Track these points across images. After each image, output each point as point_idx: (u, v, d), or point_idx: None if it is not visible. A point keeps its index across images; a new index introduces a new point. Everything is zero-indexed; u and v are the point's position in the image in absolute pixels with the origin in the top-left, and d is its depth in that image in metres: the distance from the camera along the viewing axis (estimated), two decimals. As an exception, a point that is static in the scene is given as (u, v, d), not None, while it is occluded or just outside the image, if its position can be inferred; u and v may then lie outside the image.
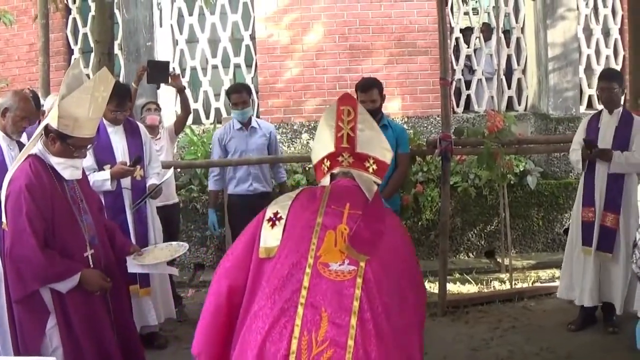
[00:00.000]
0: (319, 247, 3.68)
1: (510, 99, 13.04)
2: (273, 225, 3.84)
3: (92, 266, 5.20)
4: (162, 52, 12.61)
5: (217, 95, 12.83)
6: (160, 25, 12.55)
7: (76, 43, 13.21)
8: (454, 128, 9.17)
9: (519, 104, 13.07)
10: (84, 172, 5.56)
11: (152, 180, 7.54)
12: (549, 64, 12.55)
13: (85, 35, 13.11)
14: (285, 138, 12.41)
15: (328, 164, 4.06)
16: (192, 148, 11.51)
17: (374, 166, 4.07)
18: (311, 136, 12.19)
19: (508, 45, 12.95)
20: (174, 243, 6.43)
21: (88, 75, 9.66)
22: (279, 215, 3.87)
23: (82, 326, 5.05)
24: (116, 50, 11.31)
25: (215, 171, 8.92)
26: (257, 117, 12.24)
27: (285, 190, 9.16)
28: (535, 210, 11.27)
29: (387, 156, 4.15)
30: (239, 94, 8.64)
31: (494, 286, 9.90)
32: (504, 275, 10.17)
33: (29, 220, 4.89)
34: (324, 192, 3.98)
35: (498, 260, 10.82)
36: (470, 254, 11.28)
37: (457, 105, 12.86)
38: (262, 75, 12.60)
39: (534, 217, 11.29)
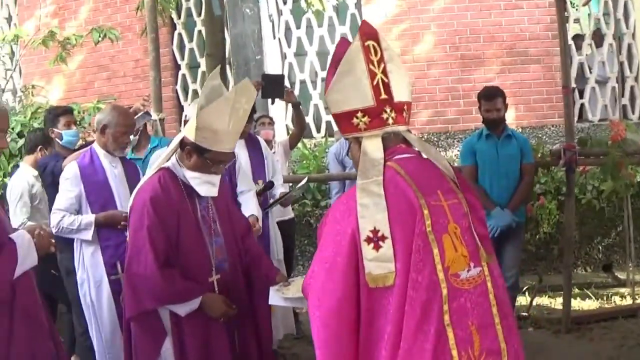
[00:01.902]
0: (443, 257, 3.42)
1: (624, 107, 12.59)
2: (377, 247, 3.42)
3: (217, 292, 4.84)
4: (271, 65, 12.59)
5: (327, 109, 12.55)
6: (274, 37, 12.53)
7: (183, 58, 13.36)
8: (577, 138, 8.86)
9: (633, 112, 12.71)
10: (224, 191, 5.25)
11: (280, 190, 7.40)
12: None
13: (191, 50, 13.23)
14: (396, 150, 12.16)
15: (366, 120, 3.59)
16: (304, 162, 11.46)
17: (408, 113, 3.70)
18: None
19: (620, 52, 12.56)
20: None
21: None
22: (380, 234, 3.43)
23: (196, 353, 4.74)
24: (224, 64, 11.30)
25: (337, 188, 8.82)
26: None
27: None
28: (654, 223, 10.89)
29: (411, 96, 3.76)
30: None
31: (614, 301, 9.58)
32: (625, 290, 9.85)
33: (149, 236, 4.61)
34: (406, 183, 3.54)
35: (616, 274, 10.52)
36: (588, 268, 10.99)
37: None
38: (372, 87, 12.35)
39: (654, 230, 10.94)
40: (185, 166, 4.81)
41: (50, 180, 7.02)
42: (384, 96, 3.58)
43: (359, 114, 3.59)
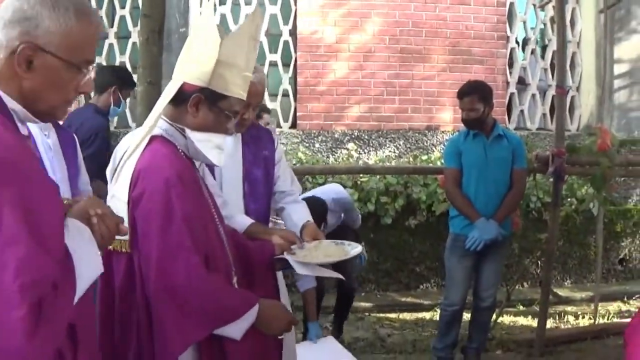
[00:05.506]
0: None
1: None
2: None
3: None
4: (191, 42, 11.36)
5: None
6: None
7: (112, 26, 11.64)
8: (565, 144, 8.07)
9: (572, 123, 12.17)
10: None
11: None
12: (615, 82, 11.86)
13: (122, 17, 11.58)
14: (324, 147, 11.19)
15: None
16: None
17: None
18: (357, 146, 11.11)
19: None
20: (342, 242, 4.13)
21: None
22: None
23: None
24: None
25: None
26: (295, 122, 11.21)
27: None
28: (593, 238, 10.35)
29: None
30: None
31: (568, 321, 9.17)
32: (570, 308, 9.66)
33: (187, 229, 3.06)
34: None
35: (555, 290, 9.95)
36: (525, 284, 10.52)
37: (509, 121, 11.90)
38: (302, 76, 11.38)
39: (592, 246, 10.48)
40: (189, 125, 3.35)
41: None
42: None
43: None
